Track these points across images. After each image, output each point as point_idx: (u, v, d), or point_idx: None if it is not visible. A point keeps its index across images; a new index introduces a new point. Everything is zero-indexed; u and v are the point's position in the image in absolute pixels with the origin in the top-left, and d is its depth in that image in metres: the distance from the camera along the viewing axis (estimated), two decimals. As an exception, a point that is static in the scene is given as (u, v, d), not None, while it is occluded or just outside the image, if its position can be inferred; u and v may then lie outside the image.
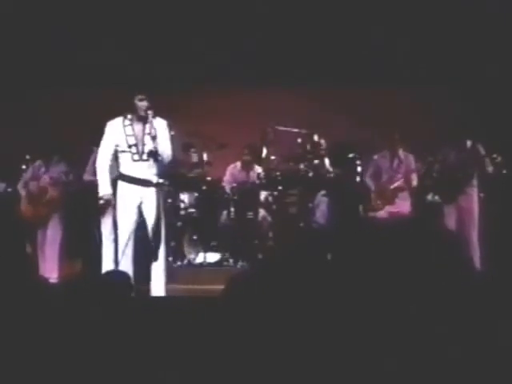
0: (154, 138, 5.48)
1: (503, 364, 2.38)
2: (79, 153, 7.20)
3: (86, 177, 6.87)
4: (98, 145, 6.90)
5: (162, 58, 8.82)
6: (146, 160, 5.55)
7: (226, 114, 8.99)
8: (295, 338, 2.43)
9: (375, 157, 7.48)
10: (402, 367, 2.37)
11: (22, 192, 7.14)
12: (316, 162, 7.81)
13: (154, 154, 5.50)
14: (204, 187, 7.90)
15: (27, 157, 7.62)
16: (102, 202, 5.67)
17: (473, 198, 6.92)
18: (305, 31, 8.70)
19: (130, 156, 5.56)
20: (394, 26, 8.61)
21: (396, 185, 7.22)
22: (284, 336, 2.42)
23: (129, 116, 5.61)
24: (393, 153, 7.31)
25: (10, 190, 7.77)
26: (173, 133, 5.92)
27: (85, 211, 6.96)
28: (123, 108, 5.75)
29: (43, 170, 7.14)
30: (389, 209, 7.21)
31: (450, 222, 6.88)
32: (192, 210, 7.77)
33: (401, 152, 7.29)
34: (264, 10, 8.57)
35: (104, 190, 5.61)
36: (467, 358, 2.37)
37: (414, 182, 7.26)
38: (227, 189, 7.98)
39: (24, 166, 7.56)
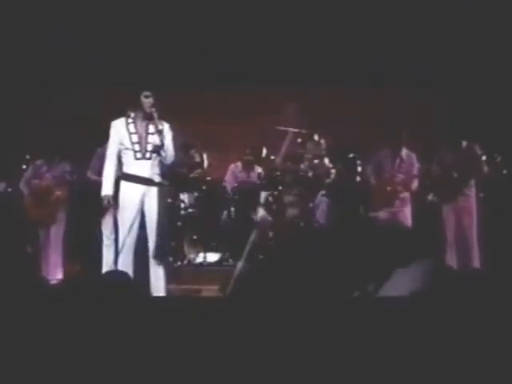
0: (159, 132, 5.47)
1: (503, 363, 2.38)
2: (79, 152, 7.20)
3: (89, 175, 6.86)
4: (99, 145, 6.94)
5: (161, 57, 8.83)
6: (149, 158, 5.56)
7: (226, 114, 8.99)
8: (295, 337, 2.43)
9: (378, 154, 7.36)
10: (400, 368, 2.38)
11: (25, 190, 7.13)
12: (316, 161, 7.81)
13: (158, 149, 5.50)
14: (204, 187, 7.90)
15: (27, 157, 7.62)
16: (103, 202, 5.66)
17: (472, 198, 6.91)
18: (305, 31, 8.70)
19: (132, 154, 5.56)
20: (394, 26, 8.61)
21: (396, 186, 7.14)
22: (284, 335, 2.42)
23: (132, 114, 5.61)
24: (395, 151, 7.19)
25: (10, 189, 7.77)
26: (173, 133, 5.91)
27: (87, 211, 6.97)
28: (123, 107, 5.75)
29: (45, 168, 7.13)
30: (389, 210, 7.15)
31: (449, 222, 6.88)
32: (192, 210, 7.78)
33: (404, 151, 7.18)
34: (264, 9, 8.57)
35: (105, 190, 5.61)
36: (467, 357, 2.38)
37: (415, 183, 7.16)
38: (228, 189, 7.98)
39: (24, 166, 7.56)
